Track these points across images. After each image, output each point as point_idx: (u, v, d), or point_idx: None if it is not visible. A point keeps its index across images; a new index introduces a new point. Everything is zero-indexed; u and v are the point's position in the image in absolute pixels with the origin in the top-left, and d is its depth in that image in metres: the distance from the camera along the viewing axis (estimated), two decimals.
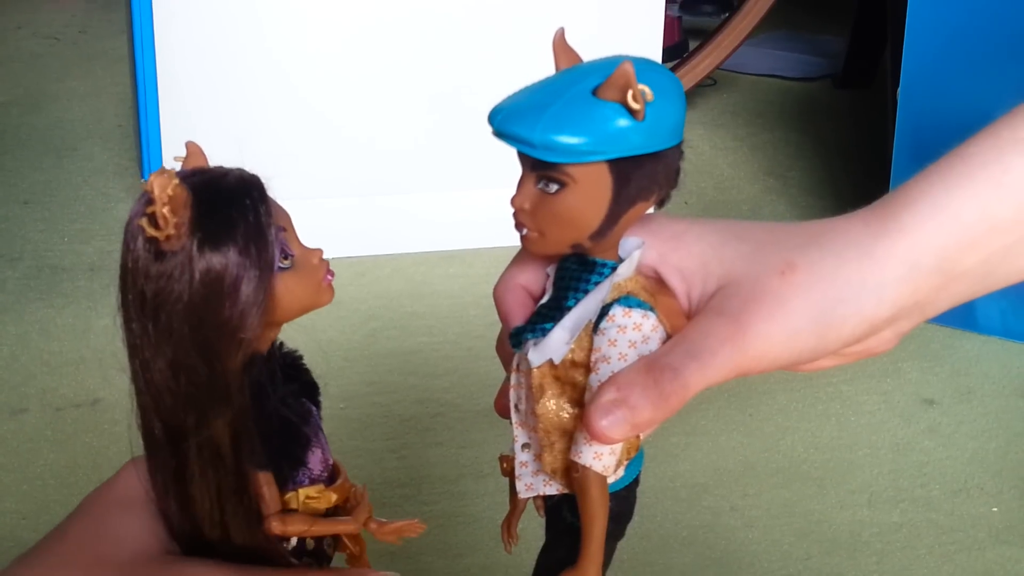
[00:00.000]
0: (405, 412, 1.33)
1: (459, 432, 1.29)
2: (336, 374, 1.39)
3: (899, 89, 1.53)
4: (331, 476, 0.63)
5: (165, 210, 0.54)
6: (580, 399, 0.53)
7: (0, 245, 1.70)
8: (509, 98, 0.52)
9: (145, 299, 0.55)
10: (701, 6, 2.82)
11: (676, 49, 2.43)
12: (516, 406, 0.56)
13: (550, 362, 0.53)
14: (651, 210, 0.54)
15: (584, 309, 0.53)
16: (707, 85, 2.37)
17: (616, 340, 0.52)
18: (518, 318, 0.56)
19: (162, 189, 0.53)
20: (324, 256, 0.60)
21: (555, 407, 0.54)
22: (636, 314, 0.52)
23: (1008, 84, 1.46)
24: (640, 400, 0.49)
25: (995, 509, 1.20)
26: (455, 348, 1.47)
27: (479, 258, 1.68)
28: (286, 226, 0.58)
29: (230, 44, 1.62)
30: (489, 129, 0.52)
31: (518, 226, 0.53)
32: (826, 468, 1.26)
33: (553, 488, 0.56)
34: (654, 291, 0.54)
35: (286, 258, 0.58)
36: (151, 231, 0.54)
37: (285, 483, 0.61)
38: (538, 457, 0.55)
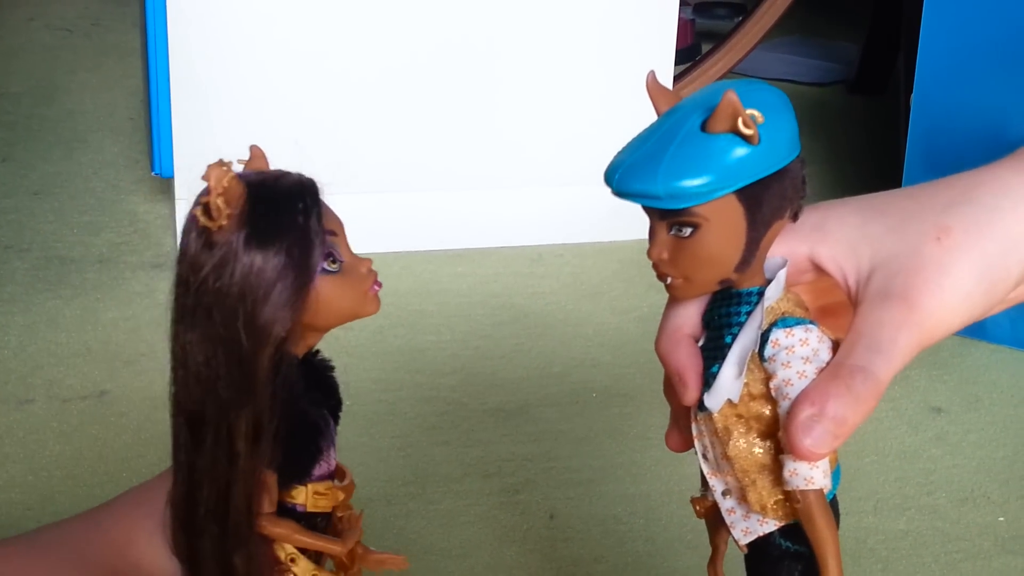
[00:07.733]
0: (411, 410, 1.32)
1: (465, 431, 1.29)
2: (343, 371, 1.38)
3: (912, 96, 1.53)
4: (332, 476, 0.63)
5: (219, 200, 0.54)
6: (767, 432, 0.53)
7: (9, 236, 1.70)
8: (620, 154, 0.52)
9: (189, 285, 0.57)
10: (715, 9, 2.81)
11: (689, 52, 2.43)
12: (704, 456, 0.56)
13: (729, 402, 0.53)
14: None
15: (745, 341, 0.52)
16: None
17: (789, 362, 0.51)
18: (693, 371, 0.54)
19: (218, 180, 0.54)
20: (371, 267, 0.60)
21: (746, 445, 0.53)
22: (798, 331, 0.52)
23: (1022, 93, 1.46)
24: (838, 409, 0.48)
25: (1001, 518, 1.19)
26: (462, 347, 1.47)
27: (487, 258, 1.68)
28: (337, 231, 0.59)
29: (243, 38, 1.62)
30: (610, 176, 0.50)
31: (661, 276, 0.53)
32: None
33: (770, 525, 0.55)
34: (808, 301, 0.54)
35: (334, 262, 0.58)
36: (204, 220, 0.55)
37: (290, 483, 0.61)
38: (743, 500, 0.55)
